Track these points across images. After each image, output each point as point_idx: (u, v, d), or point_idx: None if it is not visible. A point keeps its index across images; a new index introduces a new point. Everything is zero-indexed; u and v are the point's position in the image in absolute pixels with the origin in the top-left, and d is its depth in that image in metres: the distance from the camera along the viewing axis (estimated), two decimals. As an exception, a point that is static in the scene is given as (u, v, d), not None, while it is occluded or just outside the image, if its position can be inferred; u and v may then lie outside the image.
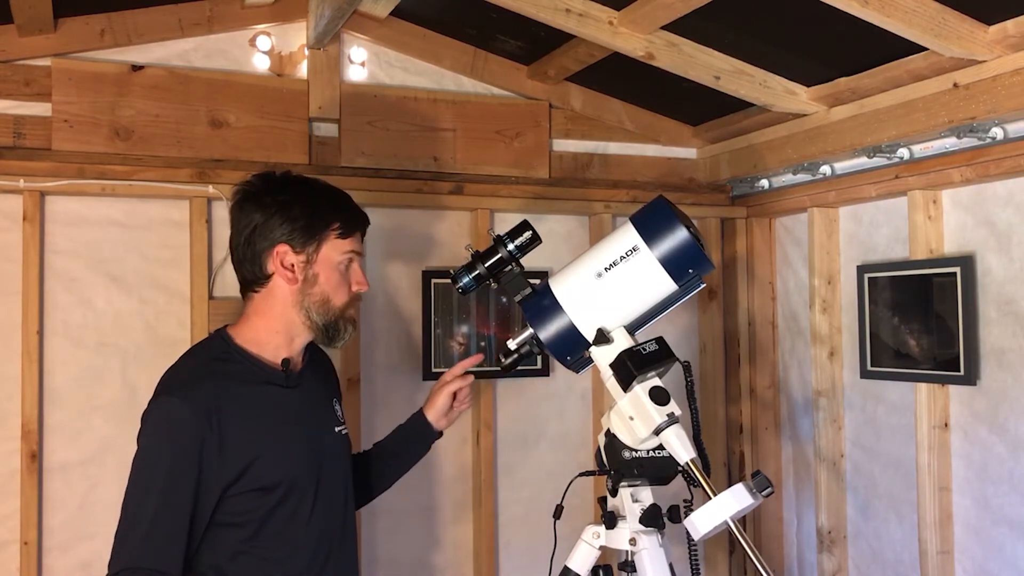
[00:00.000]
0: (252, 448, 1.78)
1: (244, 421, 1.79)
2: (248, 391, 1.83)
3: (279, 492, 1.80)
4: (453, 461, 2.91)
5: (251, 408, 1.82)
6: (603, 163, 3.14)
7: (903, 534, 2.68)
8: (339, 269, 1.88)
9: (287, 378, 1.88)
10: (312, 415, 1.93)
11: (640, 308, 1.79)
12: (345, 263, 1.89)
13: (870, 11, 1.99)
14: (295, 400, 1.89)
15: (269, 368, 1.87)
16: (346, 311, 1.90)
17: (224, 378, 1.82)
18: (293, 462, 1.84)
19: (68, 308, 2.53)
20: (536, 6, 2.31)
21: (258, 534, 1.80)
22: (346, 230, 1.89)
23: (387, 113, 2.83)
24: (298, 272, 1.84)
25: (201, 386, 1.79)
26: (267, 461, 1.79)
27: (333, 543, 1.90)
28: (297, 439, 1.87)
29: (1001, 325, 2.36)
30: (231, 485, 1.76)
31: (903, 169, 2.53)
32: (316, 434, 1.92)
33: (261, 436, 1.81)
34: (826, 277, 2.90)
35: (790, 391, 3.14)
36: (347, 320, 1.91)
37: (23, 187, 2.43)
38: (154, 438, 1.77)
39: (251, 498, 1.78)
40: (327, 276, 1.87)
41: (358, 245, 1.92)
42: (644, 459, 1.74)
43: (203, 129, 2.64)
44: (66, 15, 2.49)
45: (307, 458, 1.87)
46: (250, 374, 1.85)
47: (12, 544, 2.43)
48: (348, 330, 1.91)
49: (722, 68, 2.54)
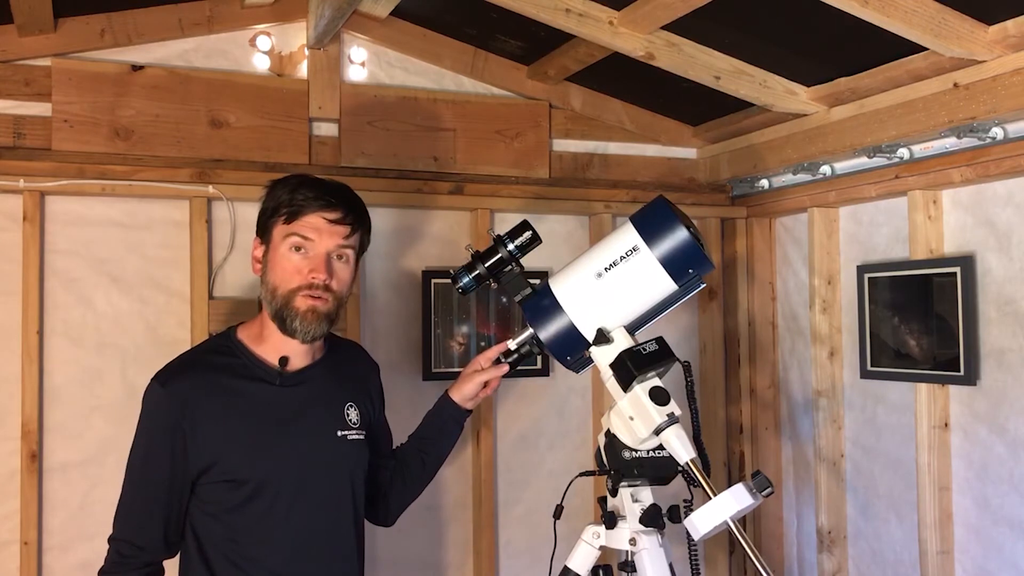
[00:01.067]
0: (224, 440, 1.82)
1: (224, 413, 1.83)
2: (237, 384, 1.86)
3: (248, 488, 1.82)
4: (453, 461, 2.91)
5: (233, 401, 1.85)
6: (603, 163, 3.14)
7: (903, 534, 2.68)
8: (288, 255, 1.83)
9: (281, 376, 1.88)
10: (308, 415, 1.90)
11: (640, 308, 1.79)
12: (293, 248, 1.83)
13: (870, 11, 1.99)
14: (288, 398, 1.88)
15: (265, 365, 1.89)
16: (292, 299, 1.82)
17: (212, 370, 1.87)
18: (268, 460, 1.83)
19: (68, 308, 2.53)
20: (536, 6, 2.31)
21: (232, 527, 1.82)
22: (291, 213, 1.83)
23: (387, 113, 2.83)
24: (260, 262, 1.89)
25: (184, 375, 1.86)
26: (238, 455, 1.82)
27: (319, 546, 1.88)
28: (280, 437, 1.86)
29: (1001, 325, 2.36)
30: (202, 474, 1.82)
31: (903, 169, 2.53)
32: (308, 435, 1.89)
33: (236, 430, 1.83)
34: (826, 277, 2.90)
35: (790, 391, 3.14)
36: (293, 309, 1.82)
37: (23, 187, 2.43)
38: (139, 423, 1.88)
39: (221, 489, 1.82)
40: (274, 262, 1.86)
41: (308, 230, 1.82)
42: (644, 459, 1.74)
43: (203, 129, 2.64)
44: (66, 15, 2.49)
45: (288, 458, 1.85)
46: (243, 369, 1.88)
47: (12, 544, 2.43)
48: (298, 320, 1.82)
49: (722, 68, 2.54)
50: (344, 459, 1.94)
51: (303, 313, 1.83)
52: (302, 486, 1.86)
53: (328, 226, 1.84)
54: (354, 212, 1.89)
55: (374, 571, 2.76)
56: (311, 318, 1.83)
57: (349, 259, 1.89)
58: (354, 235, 1.89)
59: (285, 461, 1.85)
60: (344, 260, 1.88)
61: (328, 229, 1.84)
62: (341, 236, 1.85)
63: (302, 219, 1.83)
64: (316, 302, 1.83)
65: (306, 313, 1.83)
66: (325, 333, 1.89)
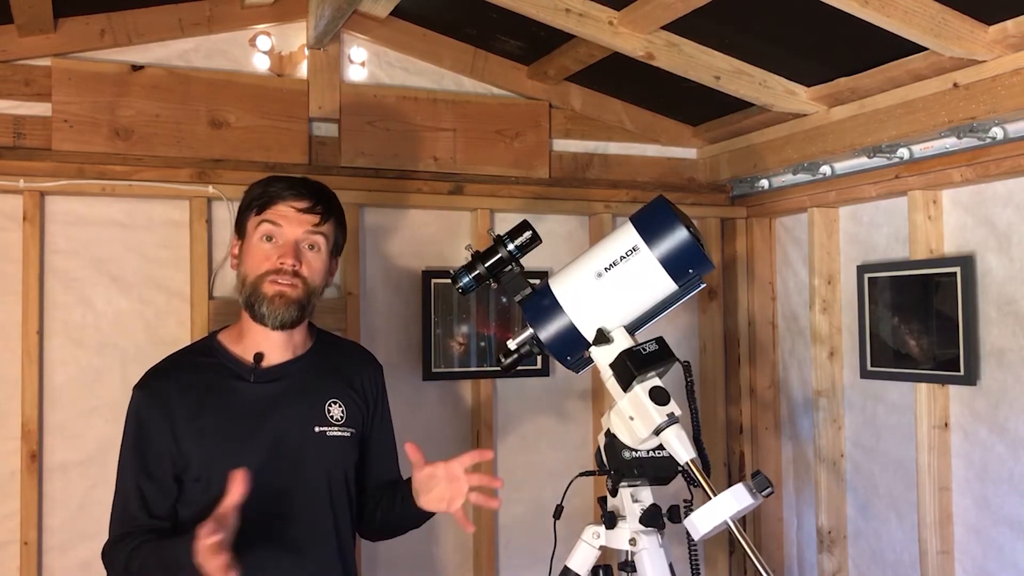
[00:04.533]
0: (197, 438, 1.85)
1: (197, 411, 1.86)
2: (211, 383, 1.90)
3: (217, 485, 1.75)
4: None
5: (206, 399, 1.88)
6: (603, 163, 3.14)
7: (903, 534, 2.68)
8: (259, 244, 1.88)
9: (255, 372, 1.90)
10: (282, 410, 1.90)
11: (640, 308, 1.79)
12: (264, 237, 1.87)
13: (870, 11, 1.99)
14: (261, 394, 1.89)
15: (240, 363, 1.92)
16: (260, 285, 1.85)
17: (189, 370, 1.92)
18: (237, 457, 1.80)
19: (68, 308, 2.53)
20: (536, 6, 2.31)
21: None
22: (262, 204, 1.88)
23: (387, 113, 2.83)
24: (237, 257, 1.93)
25: (163, 375, 1.92)
26: (209, 453, 1.84)
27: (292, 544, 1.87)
28: (250, 433, 1.87)
29: (1001, 325, 2.36)
30: (183, 471, 1.85)
31: (903, 169, 2.53)
32: (279, 430, 1.88)
33: (207, 428, 1.86)
34: (826, 277, 2.90)
35: (790, 391, 3.14)
36: (261, 295, 1.85)
37: (23, 187, 2.43)
38: (125, 428, 1.92)
39: (197, 489, 1.85)
40: (246, 251, 1.91)
41: (277, 217, 1.87)
42: (644, 459, 1.74)
43: (203, 129, 2.64)
44: (66, 15, 2.49)
45: (255, 454, 1.84)
46: (219, 367, 1.92)
47: (12, 544, 2.43)
48: (265, 305, 1.84)
49: (722, 68, 2.54)
50: (319, 456, 1.92)
51: (271, 298, 1.85)
52: (274, 483, 1.84)
53: (296, 214, 1.88)
54: (323, 203, 1.92)
55: (373, 571, 2.76)
56: (279, 303, 1.85)
57: (320, 248, 1.91)
58: (324, 224, 1.91)
59: (256, 457, 1.82)
60: (315, 249, 1.91)
61: (296, 217, 1.88)
62: (310, 224, 1.89)
63: (271, 208, 1.88)
64: (284, 287, 1.86)
65: (273, 298, 1.85)
66: (295, 320, 1.89)
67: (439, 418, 2.88)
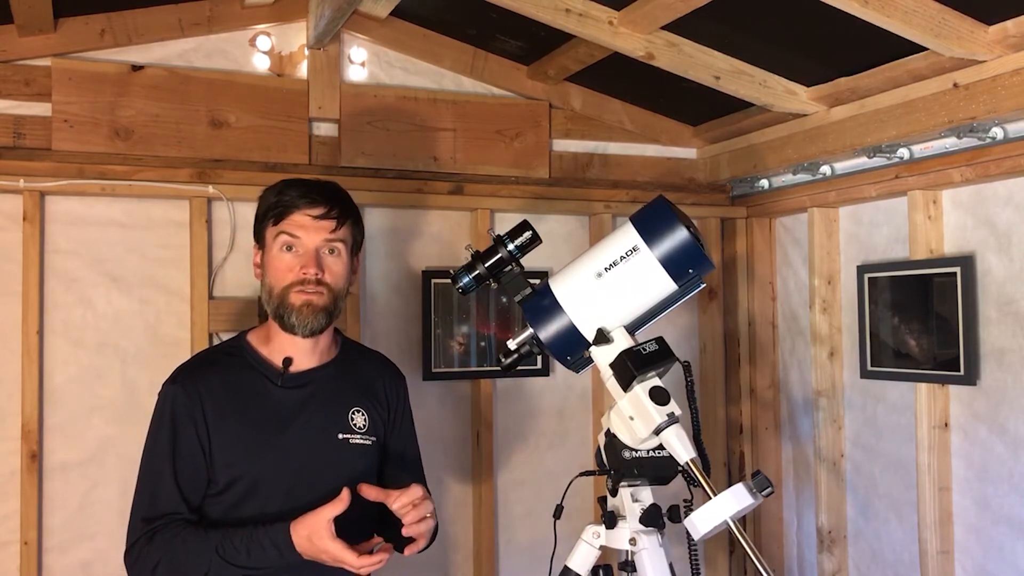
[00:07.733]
0: (224, 438, 1.85)
1: (226, 411, 1.87)
2: (240, 384, 1.90)
3: (241, 487, 1.84)
4: (453, 461, 2.91)
5: (235, 400, 1.88)
6: (603, 163, 3.14)
7: (903, 534, 2.68)
8: (280, 255, 1.89)
9: (283, 377, 1.91)
10: (307, 416, 1.91)
11: (640, 308, 1.79)
12: (284, 247, 1.89)
13: (870, 11, 1.99)
14: (288, 399, 1.91)
15: (268, 365, 1.93)
16: (287, 296, 1.87)
17: (220, 369, 1.93)
18: (261, 460, 1.85)
19: (68, 308, 2.53)
20: (536, 6, 2.31)
21: (231, 527, 1.82)
22: (278, 214, 1.89)
23: (387, 113, 2.83)
24: (260, 267, 1.94)
25: (196, 373, 1.92)
26: (233, 454, 1.85)
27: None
28: (275, 438, 1.88)
29: (1001, 325, 2.36)
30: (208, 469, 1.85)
31: (903, 169, 2.53)
32: (304, 435, 1.90)
33: (234, 429, 1.87)
34: (826, 277, 2.90)
35: (790, 391, 3.14)
36: (289, 306, 1.87)
37: (23, 187, 2.43)
38: (152, 423, 1.89)
39: (219, 489, 1.85)
40: (268, 262, 1.92)
41: (295, 228, 1.88)
42: (644, 459, 1.74)
43: (203, 129, 2.64)
44: (66, 15, 2.49)
45: (282, 458, 1.86)
46: (248, 369, 1.93)
47: (12, 544, 2.43)
48: (294, 315, 1.87)
49: (722, 68, 2.54)
50: (343, 462, 1.93)
51: (299, 308, 1.87)
52: (294, 488, 1.86)
53: (313, 222, 1.89)
54: (339, 206, 1.92)
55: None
56: (307, 312, 1.88)
57: (340, 252, 1.93)
58: (341, 228, 1.92)
59: (278, 461, 1.86)
60: (335, 254, 1.92)
61: (314, 225, 1.89)
62: (327, 231, 1.90)
63: (288, 218, 1.89)
64: (310, 296, 1.88)
65: (301, 308, 1.87)
66: (324, 326, 1.91)
67: (439, 418, 2.89)
